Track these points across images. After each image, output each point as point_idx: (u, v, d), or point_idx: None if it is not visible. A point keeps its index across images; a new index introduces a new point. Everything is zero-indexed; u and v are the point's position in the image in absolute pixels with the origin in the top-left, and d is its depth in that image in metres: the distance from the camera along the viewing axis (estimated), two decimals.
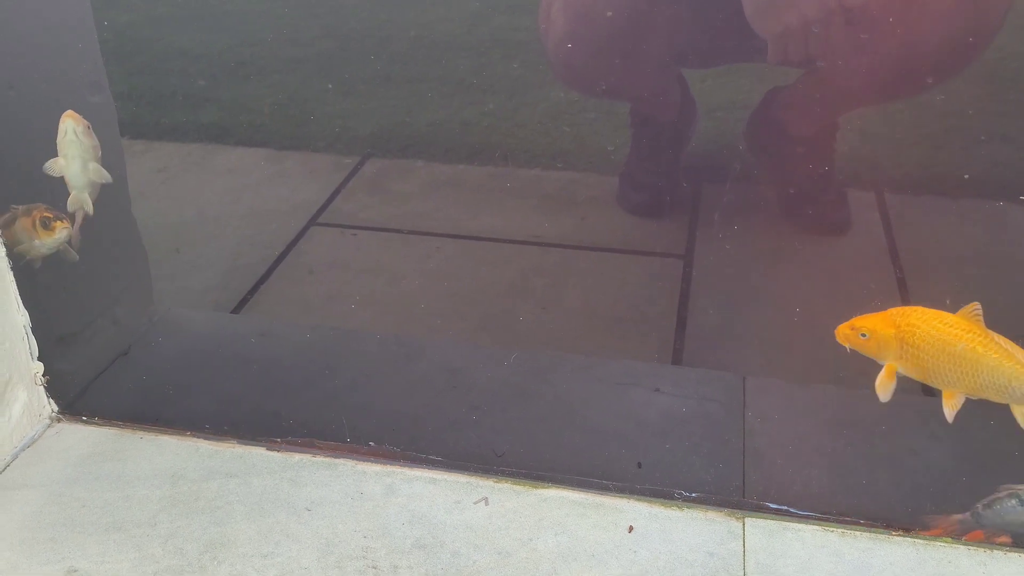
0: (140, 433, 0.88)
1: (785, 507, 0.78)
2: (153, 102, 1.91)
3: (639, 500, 0.80)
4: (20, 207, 0.83)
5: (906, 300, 1.18)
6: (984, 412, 0.86)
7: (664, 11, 1.15)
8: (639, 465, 0.82)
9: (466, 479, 0.82)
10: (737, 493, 0.80)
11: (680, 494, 0.79)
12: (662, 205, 1.42)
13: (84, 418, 0.90)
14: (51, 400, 0.91)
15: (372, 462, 0.84)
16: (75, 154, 0.81)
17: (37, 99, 0.85)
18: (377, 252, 1.37)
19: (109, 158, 0.97)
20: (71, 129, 0.80)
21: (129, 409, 0.91)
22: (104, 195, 0.98)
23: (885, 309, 1.14)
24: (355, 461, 0.84)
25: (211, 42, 2.21)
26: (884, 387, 0.71)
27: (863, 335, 0.68)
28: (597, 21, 1.12)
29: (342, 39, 2.20)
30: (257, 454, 0.85)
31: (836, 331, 0.69)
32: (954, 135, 1.58)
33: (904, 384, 1.00)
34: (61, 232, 0.83)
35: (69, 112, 0.80)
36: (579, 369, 0.96)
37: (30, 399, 0.88)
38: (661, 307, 1.20)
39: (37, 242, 0.83)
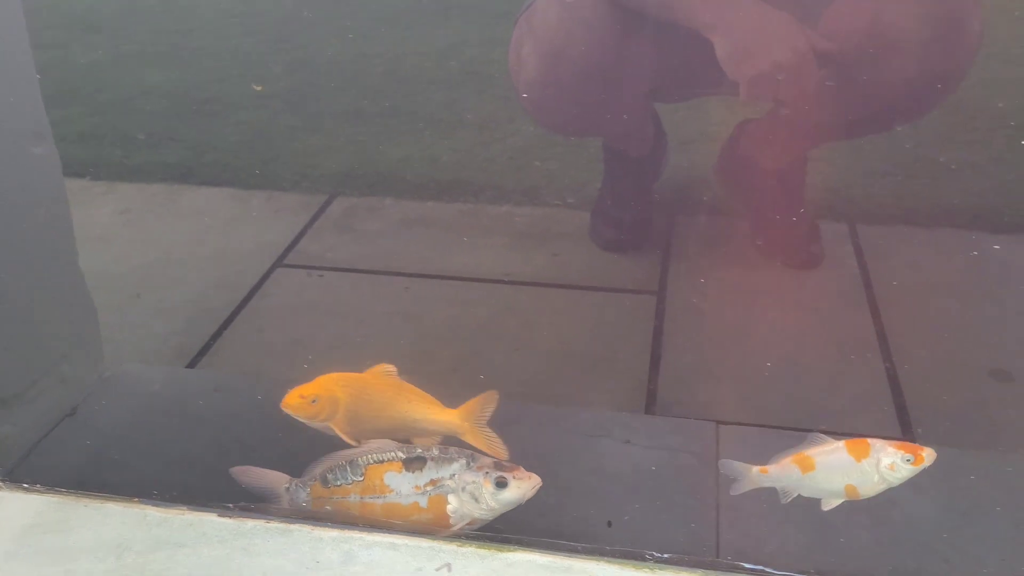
0: (85, 501, 0.83)
1: (761, 567, 0.75)
2: (116, 142, 1.87)
3: (609, 563, 0.76)
4: None
5: (883, 336, 1.16)
6: (967, 465, 0.84)
7: (636, 49, 1.13)
8: (609, 524, 0.79)
9: (428, 543, 0.78)
10: (711, 552, 0.76)
11: (651, 555, 0.75)
12: (635, 240, 1.40)
13: (26, 485, 0.85)
14: None
15: (329, 527, 0.80)
16: None
17: None
18: (344, 294, 1.33)
19: (54, 210, 0.94)
20: None
21: (74, 474, 0.86)
22: (50, 248, 0.94)
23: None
24: (311, 527, 0.80)
25: (176, 79, 2.19)
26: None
27: (313, 400, 0.74)
28: (568, 62, 1.10)
29: (310, 74, 2.18)
30: (208, 521, 0.81)
31: (283, 403, 0.75)
32: (924, 164, 1.57)
33: (885, 431, 0.97)
34: None
35: None
36: (548, 420, 0.92)
37: None
38: (635, 345, 1.17)
39: None
